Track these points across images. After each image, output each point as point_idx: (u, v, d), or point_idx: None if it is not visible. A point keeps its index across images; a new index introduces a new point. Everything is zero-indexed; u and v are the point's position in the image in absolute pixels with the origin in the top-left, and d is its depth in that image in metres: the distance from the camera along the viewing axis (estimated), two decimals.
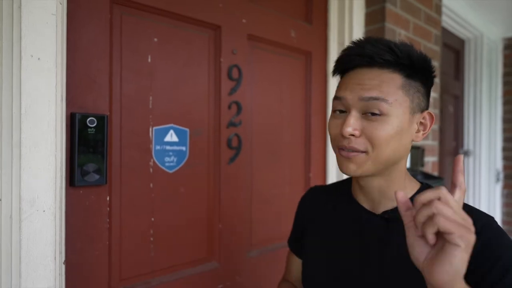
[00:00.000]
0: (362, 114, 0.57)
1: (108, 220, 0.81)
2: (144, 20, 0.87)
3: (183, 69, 0.93)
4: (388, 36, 1.26)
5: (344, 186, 0.73)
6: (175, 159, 0.92)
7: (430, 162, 1.54)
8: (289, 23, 1.18)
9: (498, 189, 2.63)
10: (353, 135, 0.57)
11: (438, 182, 1.29)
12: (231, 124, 1.02)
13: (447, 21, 2.14)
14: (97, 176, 0.76)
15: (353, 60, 0.60)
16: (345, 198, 0.69)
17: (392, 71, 0.57)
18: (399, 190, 0.51)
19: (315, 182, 1.28)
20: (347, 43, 1.28)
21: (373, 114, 0.56)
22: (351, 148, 0.57)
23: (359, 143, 0.57)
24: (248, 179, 1.08)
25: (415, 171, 1.38)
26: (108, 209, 0.81)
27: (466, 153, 2.47)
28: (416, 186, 0.65)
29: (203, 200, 0.98)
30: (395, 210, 0.61)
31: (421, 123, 0.61)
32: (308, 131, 1.27)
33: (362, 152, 0.58)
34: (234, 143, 1.03)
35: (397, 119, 0.57)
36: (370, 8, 1.29)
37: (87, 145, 0.75)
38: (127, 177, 0.84)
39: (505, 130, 2.65)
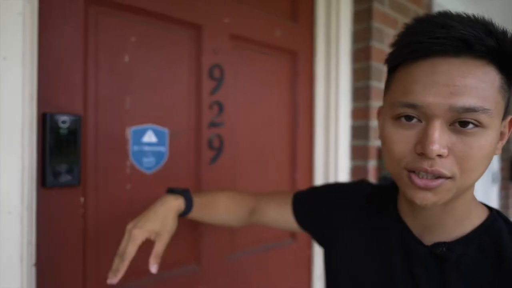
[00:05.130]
0: (450, 125, 0.42)
1: (83, 221, 0.80)
2: (121, 19, 0.86)
3: (162, 69, 0.92)
4: (375, 36, 1.24)
5: (388, 195, 0.58)
6: (153, 160, 0.91)
7: None
8: (274, 22, 1.16)
9: (495, 190, 2.60)
10: (440, 155, 0.41)
11: None
12: (213, 124, 1.01)
13: None
14: (69, 177, 0.75)
15: (435, 44, 0.41)
16: (389, 213, 0.55)
17: (488, 63, 0.41)
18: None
19: (301, 183, 1.27)
20: (334, 43, 1.28)
21: (466, 125, 0.41)
22: (436, 173, 0.41)
23: (446, 166, 0.41)
24: (231, 179, 1.07)
25: None
26: (83, 210, 0.80)
27: None
28: (483, 213, 0.49)
29: None
30: (452, 247, 0.46)
31: (501, 132, 0.46)
32: (294, 132, 1.25)
33: (448, 178, 0.42)
34: (216, 143, 1.02)
35: (495, 132, 0.42)
36: (357, 7, 1.27)
37: (59, 146, 0.74)
38: (103, 178, 0.83)
39: None
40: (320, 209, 0.68)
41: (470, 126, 0.41)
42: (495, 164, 2.61)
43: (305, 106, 1.28)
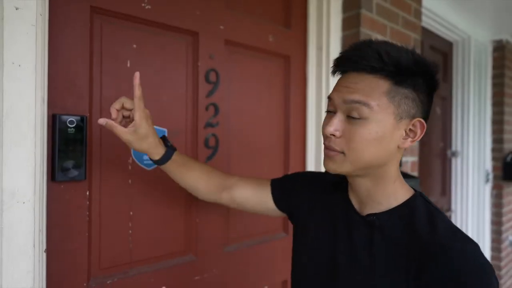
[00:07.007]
0: (347, 116, 0.59)
1: (88, 213, 0.87)
2: (124, 28, 0.93)
3: (162, 73, 1.00)
4: None
5: (344, 181, 0.74)
6: None
7: (410, 162, 1.59)
8: (267, 28, 1.24)
9: (487, 189, 2.67)
10: (333, 135, 0.60)
11: (413, 181, 1.33)
12: (209, 125, 1.08)
13: (434, 25, 2.19)
14: (76, 172, 0.83)
15: (341, 64, 0.63)
16: (341, 193, 0.72)
17: (379, 77, 0.58)
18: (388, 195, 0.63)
19: None
20: (324, 48, 1.35)
21: (354, 117, 0.58)
22: (329, 148, 0.61)
23: (337, 144, 0.60)
24: None
25: None
26: (87, 202, 0.87)
27: (454, 154, 2.50)
28: (408, 193, 0.64)
29: (180, 195, 1.04)
30: (380, 216, 0.62)
31: (410, 130, 0.61)
32: (287, 132, 1.32)
33: (340, 152, 0.60)
34: (211, 142, 1.10)
35: (377, 124, 0.58)
36: (346, 14, 1.34)
37: (67, 144, 0.82)
38: (106, 174, 0.90)
39: (494, 131, 2.68)
40: (294, 191, 0.83)
41: (355, 116, 0.58)
42: (488, 164, 2.67)
43: (297, 108, 1.35)
